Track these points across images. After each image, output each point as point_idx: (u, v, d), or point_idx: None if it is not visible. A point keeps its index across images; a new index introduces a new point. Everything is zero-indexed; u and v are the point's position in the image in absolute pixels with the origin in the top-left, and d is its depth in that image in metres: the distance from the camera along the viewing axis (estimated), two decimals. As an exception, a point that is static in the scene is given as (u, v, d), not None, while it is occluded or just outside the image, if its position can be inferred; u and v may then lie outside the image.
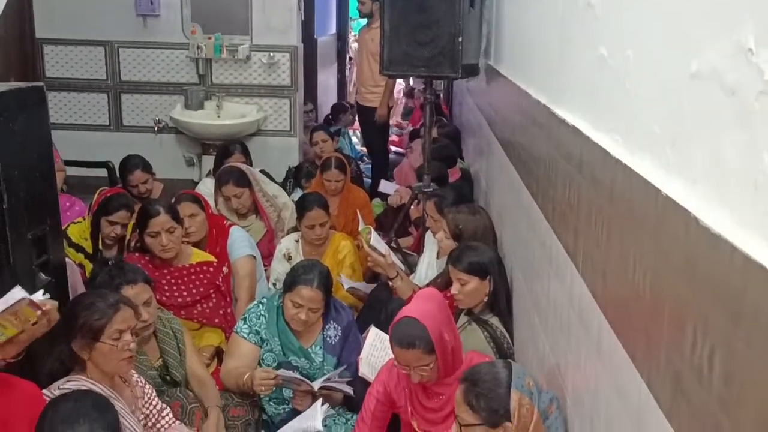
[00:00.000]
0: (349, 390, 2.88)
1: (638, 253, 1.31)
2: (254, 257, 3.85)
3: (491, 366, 2.08)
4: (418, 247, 4.46)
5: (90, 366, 2.29)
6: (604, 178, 1.55)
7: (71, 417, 1.78)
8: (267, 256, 4.24)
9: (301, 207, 4.04)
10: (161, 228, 3.40)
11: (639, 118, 1.39)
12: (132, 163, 4.69)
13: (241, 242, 3.84)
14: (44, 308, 1.99)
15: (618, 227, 1.45)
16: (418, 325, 2.31)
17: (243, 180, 4.40)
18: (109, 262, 3.31)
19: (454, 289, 2.89)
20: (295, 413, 2.94)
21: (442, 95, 8.41)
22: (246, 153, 5.16)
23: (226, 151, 5.10)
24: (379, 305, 3.52)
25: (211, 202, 4.06)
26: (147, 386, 2.58)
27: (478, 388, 2.00)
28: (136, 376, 2.53)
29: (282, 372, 2.94)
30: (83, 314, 2.31)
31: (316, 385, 2.89)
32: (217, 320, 3.48)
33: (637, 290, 1.30)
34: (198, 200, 3.84)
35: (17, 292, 1.97)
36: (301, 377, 2.90)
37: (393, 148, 8.10)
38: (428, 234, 4.06)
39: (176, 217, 3.50)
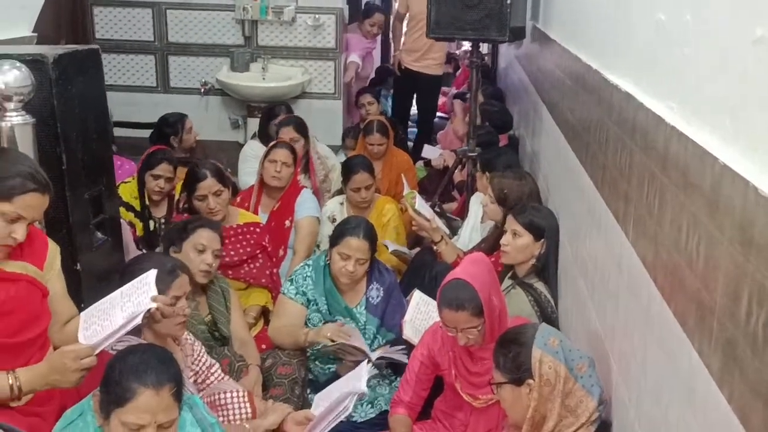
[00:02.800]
0: (405, 359, 2.87)
1: (692, 222, 1.30)
2: (318, 219, 4.00)
3: (520, 327, 2.12)
4: (462, 212, 4.47)
5: (144, 329, 2.33)
6: (657, 144, 1.54)
7: (139, 368, 1.83)
8: None
9: (347, 170, 4.08)
10: (208, 191, 3.48)
11: (697, 85, 1.37)
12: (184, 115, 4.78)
13: (309, 203, 4.00)
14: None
15: (671, 195, 1.44)
16: (467, 287, 2.33)
17: (302, 128, 4.54)
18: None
19: (505, 239, 2.92)
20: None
21: (487, 59, 8.30)
22: (290, 112, 5.15)
23: (272, 113, 5.12)
24: (423, 269, 3.54)
25: (257, 165, 4.10)
26: (197, 343, 2.63)
27: (504, 348, 2.04)
28: (185, 332, 2.56)
29: (351, 331, 2.98)
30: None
31: (374, 355, 2.93)
32: (263, 280, 3.54)
33: (690, 258, 1.30)
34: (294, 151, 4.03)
35: (151, 277, 2.07)
36: (361, 347, 2.92)
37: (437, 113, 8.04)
38: (473, 198, 4.08)
39: (223, 180, 3.55)
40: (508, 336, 2.09)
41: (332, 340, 2.93)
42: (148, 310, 2.03)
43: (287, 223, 3.94)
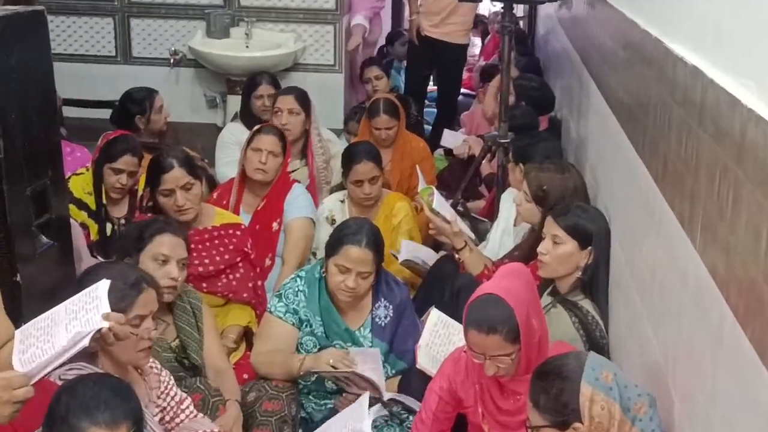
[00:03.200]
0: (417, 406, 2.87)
1: (774, 226, 1.31)
2: (313, 221, 4.04)
3: (563, 357, 2.11)
4: (491, 212, 4.49)
5: (101, 354, 2.33)
6: (731, 130, 1.54)
7: (90, 403, 1.84)
8: None
9: (347, 158, 4.10)
10: (175, 185, 3.48)
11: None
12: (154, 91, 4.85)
13: (301, 201, 4.02)
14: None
15: (747, 192, 1.44)
16: (501, 304, 2.33)
17: (304, 100, 4.65)
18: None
19: (544, 247, 2.92)
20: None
21: (522, 23, 8.31)
22: (276, 87, 5.23)
23: (252, 85, 5.18)
24: (442, 282, 3.55)
25: (239, 153, 4.14)
26: (164, 373, 2.63)
27: (544, 383, 2.03)
28: (151, 361, 2.57)
29: (359, 356, 2.98)
30: None
31: (387, 396, 2.94)
32: (245, 294, 3.55)
33: (770, 271, 1.31)
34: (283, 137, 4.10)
35: (102, 289, 2.05)
36: (376, 381, 2.92)
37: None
38: (504, 195, 4.10)
39: (193, 171, 3.56)
40: (548, 367, 2.09)
41: (334, 367, 2.95)
42: (98, 331, 1.98)
43: (275, 225, 3.97)
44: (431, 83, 7.66)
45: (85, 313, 2.01)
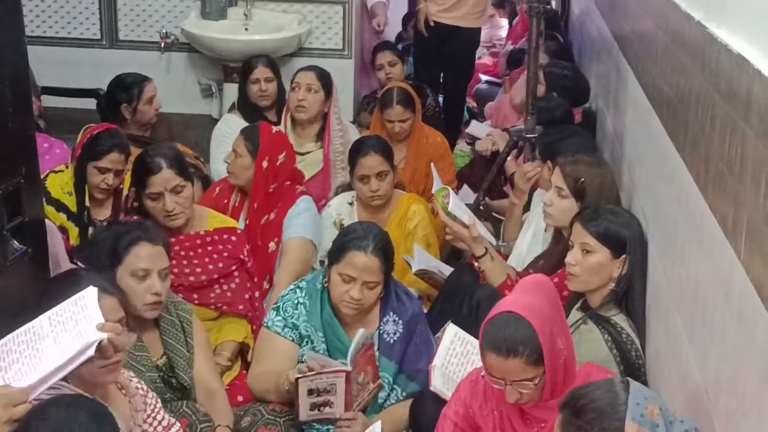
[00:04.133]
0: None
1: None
2: (314, 245, 4.04)
3: (602, 387, 2.07)
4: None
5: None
6: (780, 128, 1.53)
7: (63, 428, 1.86)
8: (317, 203, 4.35)
9: (352, 153, 4.13)
10: (164, 188, 3.48)
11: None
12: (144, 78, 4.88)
13: (303, 218, 4.02)
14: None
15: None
16: (522, 323, 2.33)
17: (325, 77, 4.84)
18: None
19: (572, 257, 2.93)
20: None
21: (555, 3, 8.27)
22: (275, 70, 5.30)
23: (248, 67, 5.24)
24: (460, 294, 3.55)
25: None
26: (150, 394, 2.63)
27: (581, 420, 2.00)
28: (135, 380, 2.58)
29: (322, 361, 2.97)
30: (61, 294, 2.33)
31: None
32: (241, 306, 3.57)
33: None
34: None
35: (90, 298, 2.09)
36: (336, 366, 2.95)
37: (484, 77, 8.04)
38: (534, 196, 4.09)
39: (184, 171, 3.57)
40: (583, 401, 2.05)
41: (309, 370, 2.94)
42: (99, 343, 2.04)
43: (272, 245, 3.99)
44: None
45: (75, 324, 2.06)
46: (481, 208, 4.47)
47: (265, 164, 4.03)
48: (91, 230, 3.94)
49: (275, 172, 4.06)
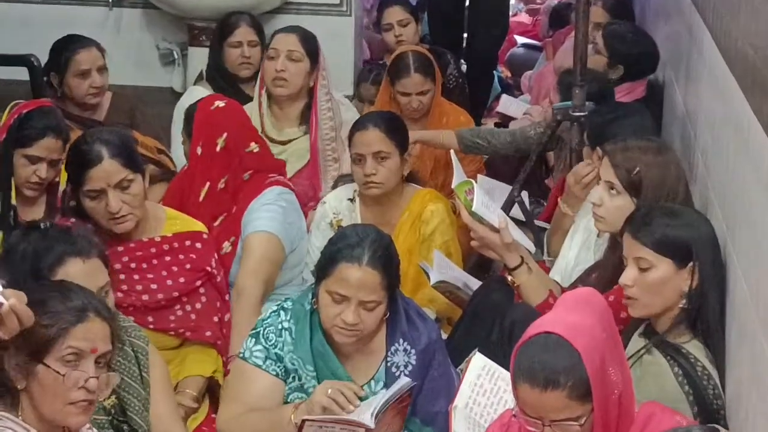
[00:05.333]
0: None
1: None
2: (279, 241, 3.96)
3: None
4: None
5: (25, 402, 2.39)
6: None
7: None
8: (304, 205, 4.38)
9: (352, 130, 4.16)
10: (106, 183, 3.42)
11: None
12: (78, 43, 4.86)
13: (269, 210, 3.97)
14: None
15: None
16: (565, 348, 2.30)
17: (310, 41, 4.79)
18: (42, 225, 3.33)
19: (628, 277, 2.89)
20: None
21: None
22: (260, 32, 5.34)
23: (226, 27, 5.28)
24: (489, 315, 3.53)
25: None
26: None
27: None
28: (87, 426, 2.59)
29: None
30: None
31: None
32: (208, 333, 3.58)
33: None
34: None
35: None
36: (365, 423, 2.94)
37: (520, 39, 8.02)
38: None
39: (132, 161, 3.51)
40: None
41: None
42: None
43: (226, 246, 3.92)
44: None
45: None
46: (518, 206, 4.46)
47: (199, 150, 3.99)
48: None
49: (220, 161, 4.01)
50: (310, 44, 4.77)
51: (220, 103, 4.17)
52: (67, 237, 3.03)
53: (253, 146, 4.14)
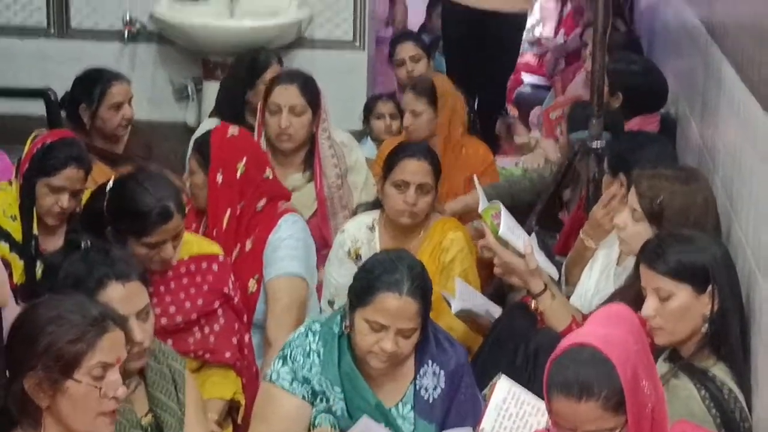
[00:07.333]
0: None
1: None
2: (305, 282, 4.02)
3: None
4: (568, 247, 4.42)
5: (48, 420, 2.36)
6: None
7: None
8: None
9: (393, 156, 4.17)
10: (169, 237, 3.47)
11: None
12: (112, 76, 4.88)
13: (288, 248, 4.01)
14: None
15: None
16: (599, 359, 2.33)
17: (310, 89, 4.72)
18: (83, 244, 3.38)
19: (650, 307, 2.90)
20: None
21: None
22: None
23: (256, 63, 5.26)
24: (512, 341, 3.56)
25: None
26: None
27: None
28: None
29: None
30: (49, 330, 2.38)
31: None
32: (228, 354, 3.58)
33: None
34: None
35: None
36: None
37: (526, 78, 8.11)
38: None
39: (184, 213, 3.57)
40: None
41: None
42: None
43: (252, 284, 3.98)
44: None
45: None
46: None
47: (219, 178, 4.00)
48: (39, 265, 3.89)
49: (239, 188, 4.03)
50: (311, 92, 4.72)
51: (234, 131, 4.20)
52: (106, 259, 3.03)
53: (269, 172, 4.19)
